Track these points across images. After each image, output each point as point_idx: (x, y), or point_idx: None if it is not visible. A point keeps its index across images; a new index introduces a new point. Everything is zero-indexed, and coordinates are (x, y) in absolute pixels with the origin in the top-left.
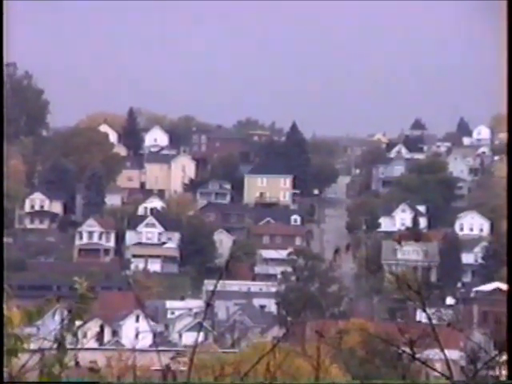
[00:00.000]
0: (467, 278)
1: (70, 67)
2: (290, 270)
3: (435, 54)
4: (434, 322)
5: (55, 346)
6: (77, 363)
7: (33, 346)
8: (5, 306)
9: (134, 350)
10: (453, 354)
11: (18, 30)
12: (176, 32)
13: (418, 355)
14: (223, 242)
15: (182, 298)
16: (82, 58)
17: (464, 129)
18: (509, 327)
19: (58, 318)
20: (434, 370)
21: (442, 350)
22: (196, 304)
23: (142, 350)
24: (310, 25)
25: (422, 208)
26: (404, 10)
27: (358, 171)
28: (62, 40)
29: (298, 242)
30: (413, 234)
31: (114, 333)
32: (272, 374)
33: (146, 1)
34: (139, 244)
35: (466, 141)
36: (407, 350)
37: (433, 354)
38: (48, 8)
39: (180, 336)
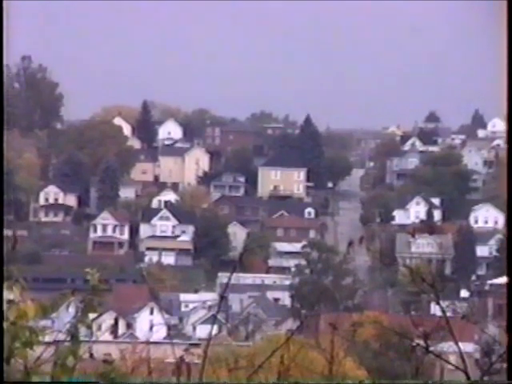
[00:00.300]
0: (482, 271)
1: (85, 60)
2: (303, 262)
3: (450, 46)
4: (449, 314)
5: (69, 338)
6: (91, 355)
7: (48, 339)
8: (20, 299)
9: (148, 342)
10: (467, 347)
11: (33, 23)
12: (190, 26)
13: (432, 348)
14: (237, 234)
15: (196, 291)
16: (97, 51)
17: (479, 121)
18: (509, 327)
19: (72, 310)
20: (448, 362)
21: (457, 343)
22: (210, 297)
23: (156, 343)
24: (324, 18)
25: (436, 201)
26: (417, 4)
27: (372, 164)
28: (76, 33)
29: (312, 234)
30: (427, 226)
31: (129, 325)
32: (286, 366)
33: None
34: (153, 237)
35: (481, 133)
36: (421, 342)
37: (447, 346)
38: (60, 1)
39: (194, 329)
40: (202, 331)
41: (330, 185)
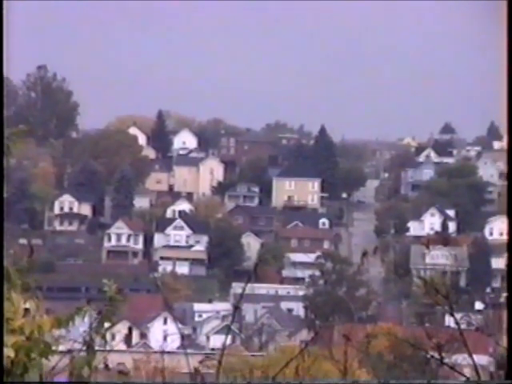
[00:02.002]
0: (497, 283)
1: (100, 70)
2: (317, 273)
3: (465, 58)
4: (463, 326)
5: (84, 348)
6: (106, 366)
7: (63, 347)
8: (36, 312)
9: (162, 352)
10: (482, 360)
11: (48, 32)
12: (206, 36)
13: (446, 360)
14: (251, 244)
15: (210, 301)
16: (112, 61)
17: (494, 133)
18: (509, 327)
19: (87, 320)
20: (462, 374)
21: (471, 355)
22: (223, 307)
23: (170, 352)
24: (340, 30)
25: (451, 212)
26: (428, 12)
27: (386, 175)
28: (92, 43)
29: (326, 245)
30: (442, 238)
31: (142, 335)
32: (301, 377)
33: (175, 2)
34: (167, 246)
35: (497, 145)
36: (435, 354)
37: (461, 359)
38: (76, 10)
39: (207, 339)
40: (216, 341)
41: (344, 195)
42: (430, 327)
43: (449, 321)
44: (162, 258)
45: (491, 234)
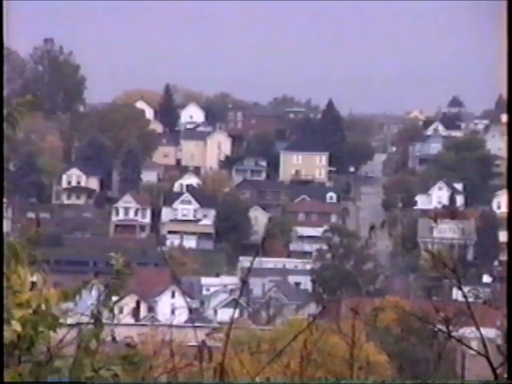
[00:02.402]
0: (504, 257)
1: (107, 44)
2: (325, 247)
3: (471, 31)
4: (471, 300)
5: (92, 321)
6: (113, 339)
7: (70, 321)
8: (43, 286)
9: (170, 325)
10: (489, 333)
11: (56, 6)
12: (213, 9)
13: (453, 333)
14: (258, 219)
15: (217, 275)
16: (119, 35)
17: (502, 106)
18: (509, 327)
19: (94, 293)
20: (471, 348)
21: (478, 329)
22: (231, 281)
23: (177, 326)
24: (348, 3)
25: (459, 186)
26: None
27: (394, 149)
28: (99, 18)
29: (333, 219)
30: (449, 211)
31: (150, 309)
32: (308, 351)
33: None
34: (175, 220)
35: (505, 118)
36: (443, 328)
37: (468, 332)
38: None
39: (215, 312)
40: (223, 315)
41: (351, 169)
42: (438, 301)
43: (456, 294)
44: (169, 232)
45: (499, 207)
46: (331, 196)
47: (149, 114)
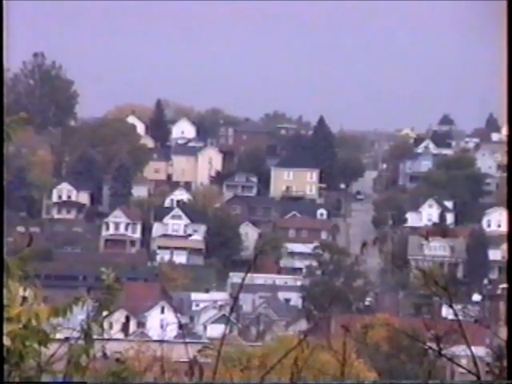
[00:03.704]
0: (494, 275)
1: (99, 59)
2: (315, 263)
3: (463, 50)
4: (460, 318)
5: (82, 336)
6: (104, 354)
7: (61, 336)
8: (33, 301)
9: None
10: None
11: (47, 20)
12: (204, 26)
13: (443, 351)
14: (249, 234)
15: (207, 291)
16: (111, 49)
17: (493, 125)
18: (509, 326)
19: (85, 308)
20: (461, 366)
21: (469, 347)
22: (221, 296)
23: (168, 342)
24: (338, 20)
25: (449, 204)
26: (428, 6)
27: (385, 166)
28: (90, 32)
29: (323, 235)
30: (440, 229)
31: (139, 324)
32: (299, 367)
33: None
34: (165, 236)
35: (495, 137)
36: (433, 345)
37: (458, 350)
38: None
39: (205, 328)
40: (213, 331)
41: (342, 186)
42: (427, 318)
43: (446, 312)
44: (159, 247)
45: (489, 225)
46: (322, 212)
47: (140, 128)
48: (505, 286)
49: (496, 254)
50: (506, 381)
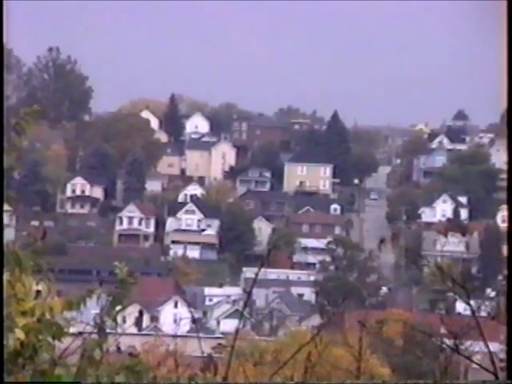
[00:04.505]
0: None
1: (113, 53)
2: (328, 259)
3: (478, 45)
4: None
5: (96, 330)
6: (118, 348)
7: (74, 330)
8: (47, 294)
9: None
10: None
11: (61, 16)
12: (219, 20)
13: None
14: (262, 229)
15: (221, 285)
16: (125, 44)
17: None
18: (509, 326)
19: (98, 302)
20: (479, 365)
21: (487, 345)
22: (234, 291)
23: (182, 336)
24: (352, 16)
25: (463, 199)
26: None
27: (398, 161)
28: (105, 27)
29: (337, 231)
30: (454, 225)
31: (153, 318)
32: (313, 362)
33: None
34: (179, 230)
35: None
36: (448, 341)
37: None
38: None
39: (218, 323)
40: (226, 325)
41: (356, 181)
42: (442, 314)
43: (460, 307)
44: (173, 242)
45: (503, 221)
46: (335, 208)
47: (154, 123)
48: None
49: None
50: (506, 381)
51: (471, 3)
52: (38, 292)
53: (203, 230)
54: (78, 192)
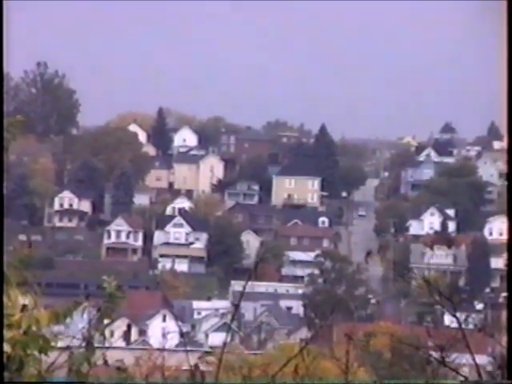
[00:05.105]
0: (496, 283)
1: (101, 67)
2: (317, 272)
3: (466, 57)
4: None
5: (84, 344)
6: (105, 362)
7: (62, 344)
8: (33, 307)
9: (162, 349)
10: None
11: (50, 29)
12: (206, 34)
13: (446, 359)
14: (250, 242)
15: (209, 299)
16: (113, 58)
17: (494, 133)
18: (509, 326)
19: (86, 316)
20: (464, 377)
21: (473, 357)
22: (223, 305)
23: (170, 350)
24: (340, 28)
25: (451, 212)
26: (428, 11)
27: (386, 174)
28: (92, 41)
29: (325, 244)
30: (441, 237)
31: (141, 332)
32: (301, 375)
33: (175, 1)
34: (167, 244)
35: (497, 145)
36: (435, 354)
37: (460, 358)
38: (77, 8)
39: (206, 336)
40: (215, 339)
41: (344, 194)
42: (430, 326)
43: (448, 320)
44: (161, 256)
45: (491, 233)
46: (323, 220)
47: (142, 137)
48: (506, 294)
49: (498, 263)
50: (506, 381)
51: (462, 18)
52: (25, 306)
53: (191, 244)
54: (66, 206)
